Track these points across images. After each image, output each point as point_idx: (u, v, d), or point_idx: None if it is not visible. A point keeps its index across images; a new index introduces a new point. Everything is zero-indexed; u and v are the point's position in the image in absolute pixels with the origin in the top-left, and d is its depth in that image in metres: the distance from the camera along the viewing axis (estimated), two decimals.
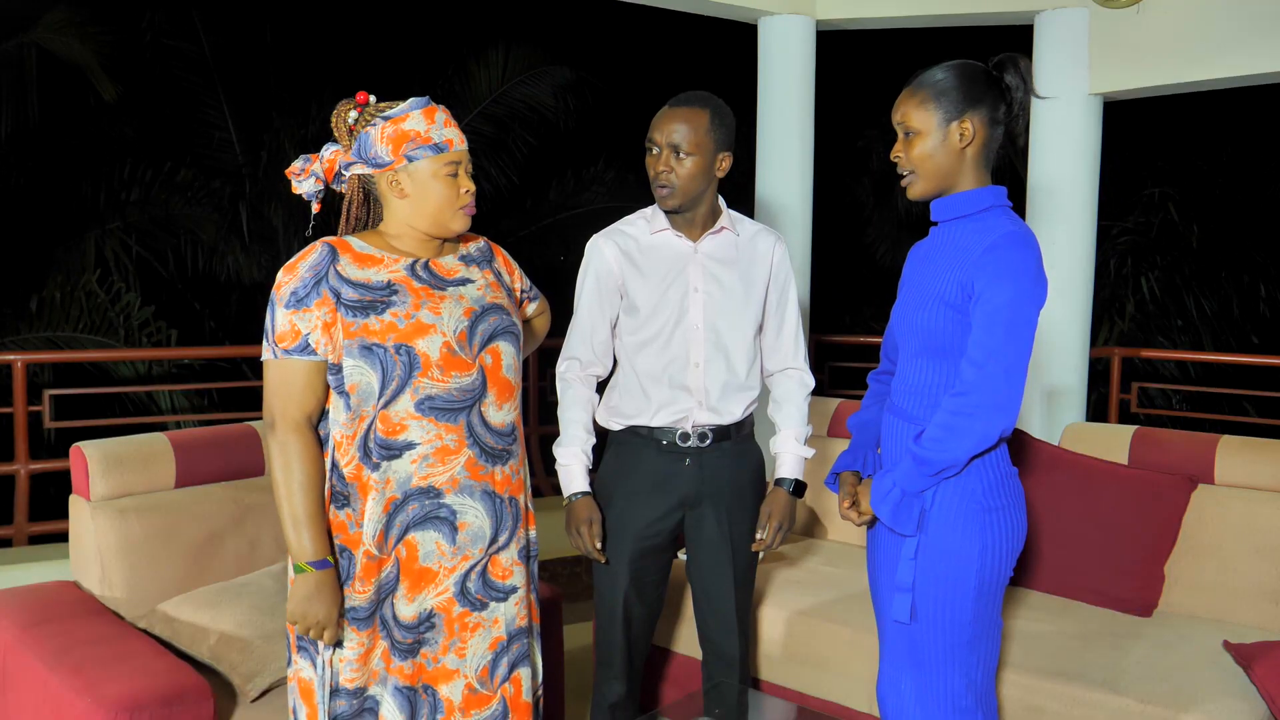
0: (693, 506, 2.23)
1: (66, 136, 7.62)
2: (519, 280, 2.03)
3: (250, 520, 2.52)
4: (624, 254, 2.20)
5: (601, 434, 2.29)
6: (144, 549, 2.38)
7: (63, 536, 3.12)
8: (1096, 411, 6.41)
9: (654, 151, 2.13)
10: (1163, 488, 2.63)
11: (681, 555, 2.35)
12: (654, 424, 2.19)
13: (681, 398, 2.18)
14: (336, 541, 1.75)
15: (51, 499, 4.89)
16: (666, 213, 2.19)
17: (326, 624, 1.70)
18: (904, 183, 1.85)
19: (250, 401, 7.32)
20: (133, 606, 2.36)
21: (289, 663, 1.83)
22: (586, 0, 8.62)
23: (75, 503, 2.44)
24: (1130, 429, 2.86)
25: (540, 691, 2.01)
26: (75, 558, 2.45)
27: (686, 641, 2.76)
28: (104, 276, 7.05)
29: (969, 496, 1.79)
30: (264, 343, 1.75)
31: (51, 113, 7.27)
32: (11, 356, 3.87)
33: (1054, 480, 2.75)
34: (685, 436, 2.19)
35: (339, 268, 1.73)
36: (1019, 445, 2.80)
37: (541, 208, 8.91)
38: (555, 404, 2.29)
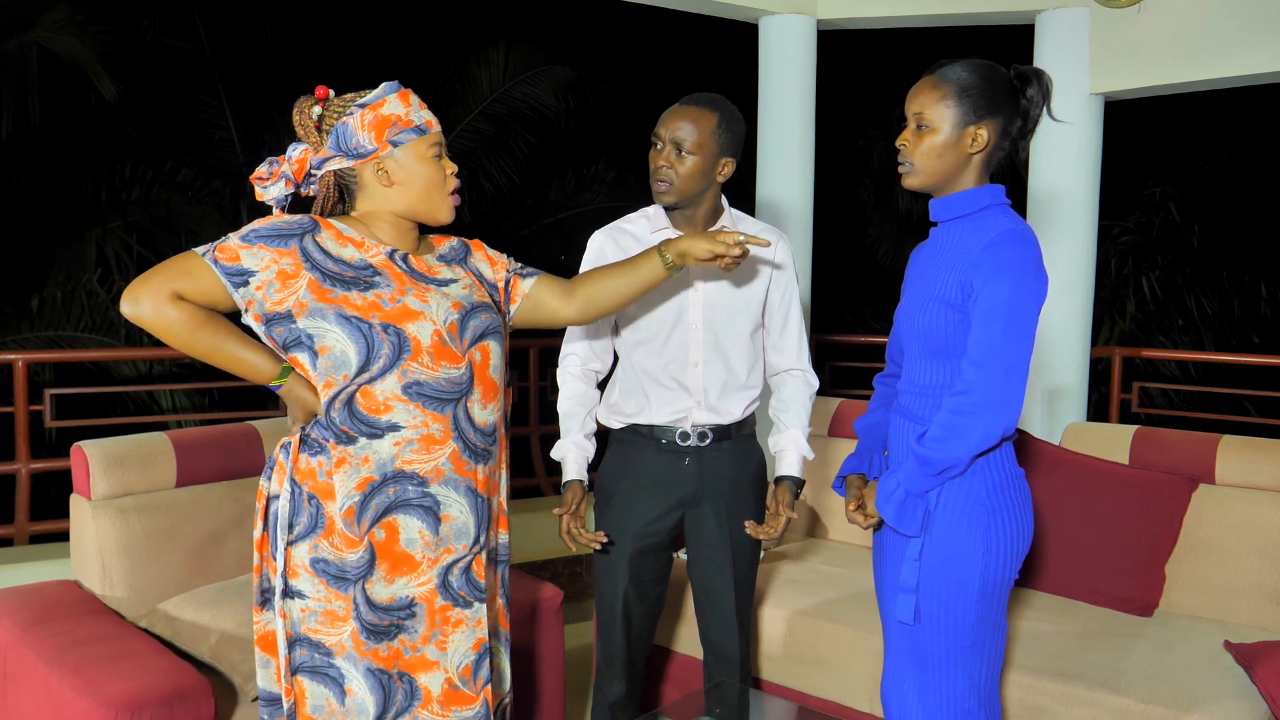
0: (693, 505, 2.23)
1: (67, 136, 7.62)
2: (502, 269, 1.94)
3: (251, 520, 2.52)
4: (624, 252, 2.19)
5: (603, 433, 2.29)
6: (145, 548, 2.38)
7: (64, 536, 3.11)
8: (1097, 411, 6.41)
9: (657, 146, 2.13)
10: (1163, 487, 2.63)
11: (682, 555, 2.35)
12: (654, 422, 2.19)
13: (680, 397, 2.18)
14: (305, 489, 1.70)
15: (52, 498, 4.89)
16: (667, 211, 2.19)
17: (317, 409, 1.70)
18: (901, 170, 1.84)
19: (252, 401, 7.35)
20: (133, 606, 2.36)
21: (253, 625, 1.77)
22: (587, 0, 8.62)
23: (76, 502, 2.44)
24: (1131, 429, 2.86)
25: (508, 699, 1.97)
26: (76, 557, 2.45)
27: (687, 641, 2.76)
28: (105, 276, 7.05)
29: (974, 498, 1.78)
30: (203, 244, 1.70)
31: (52, 112, 7.27)
32: (12, 356, 3.86)
33: (1055, 480, 2.75)
34: (685, 435, 2.19)
35: (319, 239, 1.70)
36: (1019, 445, 2.79)
37: (542, 207, 8.91)
38: (556, 401, 2.29)
